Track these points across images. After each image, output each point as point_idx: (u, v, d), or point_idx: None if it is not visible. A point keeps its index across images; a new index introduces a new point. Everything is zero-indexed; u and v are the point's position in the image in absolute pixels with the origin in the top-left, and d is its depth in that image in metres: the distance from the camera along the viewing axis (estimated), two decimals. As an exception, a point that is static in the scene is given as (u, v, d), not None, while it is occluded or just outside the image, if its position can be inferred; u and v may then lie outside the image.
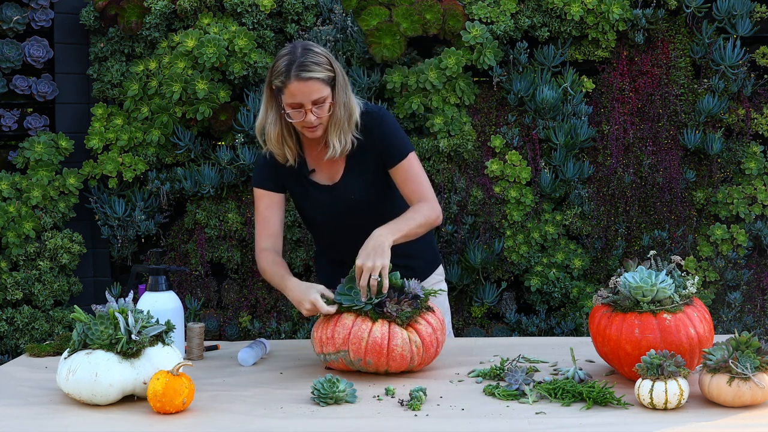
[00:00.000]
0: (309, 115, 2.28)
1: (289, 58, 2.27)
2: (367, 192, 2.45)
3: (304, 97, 2.26)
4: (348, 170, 2.44)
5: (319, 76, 2.26)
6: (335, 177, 2.45)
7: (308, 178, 2.46)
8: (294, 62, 2.26)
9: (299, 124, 2.32)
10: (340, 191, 2.44)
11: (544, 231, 3.40)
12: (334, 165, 2.44)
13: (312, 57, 2.27)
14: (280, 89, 2.29)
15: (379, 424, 1.81)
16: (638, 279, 2.03)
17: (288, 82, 2.26)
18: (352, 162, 2.43)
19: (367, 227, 2.27)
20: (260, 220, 2.47)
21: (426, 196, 2.40)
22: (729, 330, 3.34)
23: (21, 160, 3.38)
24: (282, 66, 2.27)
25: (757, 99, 3.43)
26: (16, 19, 3.38)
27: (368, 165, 2.43)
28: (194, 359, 2.42)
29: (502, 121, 3.45)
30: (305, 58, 2.26)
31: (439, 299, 2.57)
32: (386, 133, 2.41)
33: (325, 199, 2.45)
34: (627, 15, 3.34)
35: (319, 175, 2.46)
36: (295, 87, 2.25)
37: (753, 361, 1.84)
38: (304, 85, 2.25)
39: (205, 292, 3.51)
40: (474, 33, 3.30)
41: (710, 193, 3.41)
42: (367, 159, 2.42)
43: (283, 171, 2.46)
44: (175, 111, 3.39)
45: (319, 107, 2.28)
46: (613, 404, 1.89)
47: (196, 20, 3.41)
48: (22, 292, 3.34)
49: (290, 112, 2.30)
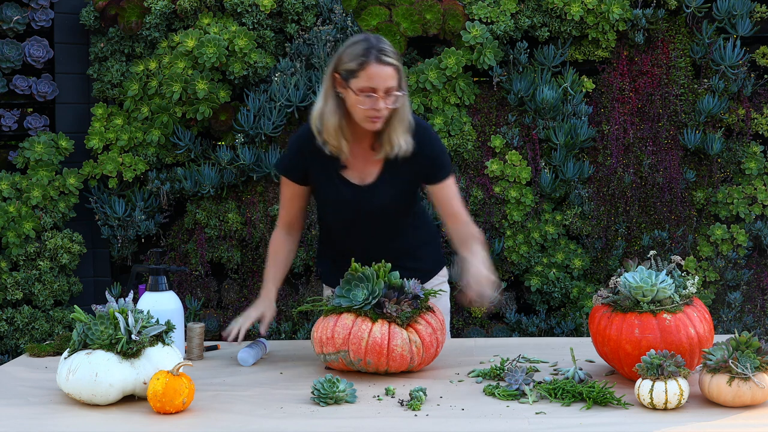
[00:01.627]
0: (380, 102, 2.27)
1: (366, 44, 2.28)
2: (395, 200, 2.44)
3: (380, 81, 2.25)
4: (382, 175, 2.41)
5: (395, 64, 2.28)
6: (367, 179, 2.42)
7: (338, 173, 2.43)
8: (373, 47, 2.27)
9: (366, 112, 2.29)
10: (369, 194, 2.42)
11: (544, 231, 3.40)
12: (368, 166, 2.42)
13: (387, 45, 2.30)
14: (353, 72, 2.26)
15: (379, 424, 1.81)
16: (638, 279, 2.03)
17: (367, 64, 2.24)
18: (389, 168, 2.41)
19: (381, 230, 2.33)
20: (282, 204, 2.55)
21: (465, 216, 2.45)
22: (729, 330, 3.34)
23: (21, 160, 3.38)
24: (359, 49, 2.27)
25: (757, 99, 3.43)
26: (16, 19, 3.38)
27: (404, 175, 2.41)
28: (194, 359, 2.42)
29: (502, 121, 3.45)
30: (383, 45, 2.28)
31: (441, 300, 2.57)
32: (435, 150, 2.42)
33: (350, 197, 2.43)
34: (627, 15, 3.34)
35: (350, 173, 2.43)
36: (374, 70, 2.24)
37: (753, 361, 1.84)
38: (383, 69, 2.25)
39: (205, 292, 3.51)
40: (474, 33, 3.30)
41: (710, 193, 3.41)
42: (405, 169, 2.40)
43: (312, 160, 2.43)
44: (175, 111, 3.39)
45: (389, 97, 2.28)
46: (613, 404, 1.89)
47: (196, 20, 3.41)
48: (22, 292, 3.34)
49: (361, 98, 2.27)
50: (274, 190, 3.45)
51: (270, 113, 3.38)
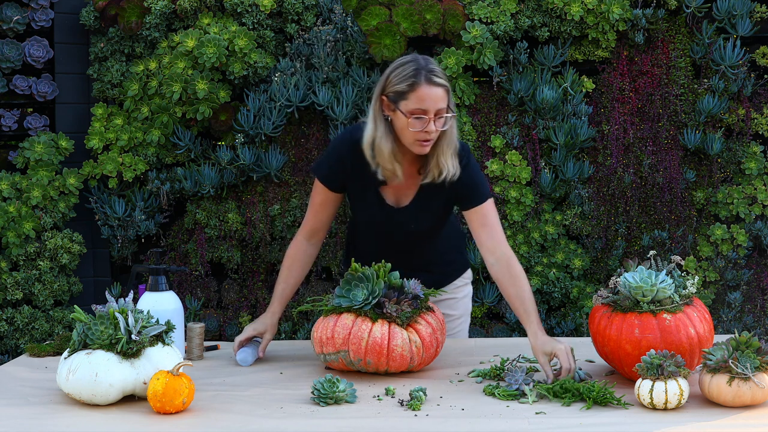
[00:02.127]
0: (431, 124, 2.21)
1: (415, 65, 2.22)
2: (427, 224, 2.42)
3: (431, 103, 2.19)
4: (417, 199, 2.38)
5: (445, 84, 2.23)
6: (402, 201, 2.39)
7: (377, 190, 2.39)
8: (423, 68, 2.21)
9: (416, 135, 2.22)
10: (401, 217, 2.39)
11: (544, 231, 3.40)
12: (403, 188, 2.38)
13: (436, 66, 2.24)
14: (402, 94, 2.21)
15: (379, 424, 1.81)
16: (638, 279, 2.03)
17: (418, 85, 2.19)
18: (424, 192, 2.37)
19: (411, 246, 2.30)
20: (311, 210, 2.46)
21: (503, 243, 2.32)
22: (729, 330, 3.34)
23: (21, 160, 3.38)
24: (409, 70, 2.21)
25: (757, 99, 3.43)
26: (16, 19, 3.38)
27: (438, 199, 2.38)
28: (194, 359, 2.42)
29: (502, 121, 3.45)
30: (431, 65, 2.23)
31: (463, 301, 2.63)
32: (471, 173, 2.35)
33: (383, 217, 2.40)
34: (627, 15, 3.34)
35: (386, 191, 2.39)
36: (425, 91, 2.19)
37: (753, 361, 1.84)
38: (434, 90, 2.19)
39: (205, 292, 3.51)
40: (474, 33, 3.30)
41: (710, 193, 3.41)
42: (439, 192, 2.36)
43: (352, 172, 2.37)
44: (175, 111, 3.39)
45: (439, 119, 2.23)
46: (613, 404, 1.89)
47: (196, 20, 3.41)
48: (22, 292, 3.34)
49: (412, 121, 2.21)
50: (274, 190, 3.45)
51: (270, 113, 3.38)
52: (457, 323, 2.64)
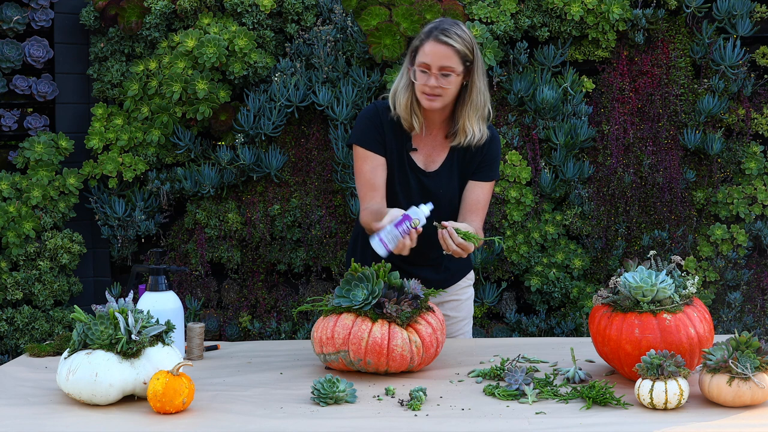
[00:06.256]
0: (432, 79, 2.30)
1: (436, 23, 2.35)
2: (453, 191, 2.47)
3: (435, 58, 2.29)
4: (446, 164, 2.46)
5: (455, 46, 2.30)
6: (431, 165, 2.46)
7: (408, 154, 2.45)
8: (438, 27, 2.32)
9: (420, 87, 2.33)
10: (431, 180, 2.46)
11: (544, 231, 3.40)
12: (434, 152, 2.46)
13: (456, 29, 2.33)
14: (416, 49, 2.34)
15: (379, 424, 1.81)
16: (638, 279, 2.03)
17: (426, 41, 2.31)
18: (453, 157, 2.46)
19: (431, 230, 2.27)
20: (364, 182, 2.42)
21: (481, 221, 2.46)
22: (729, 330, 3.34)
23: (21, 160, 3.38)
24: (427, 28, 2.35)
25: (757, 99, 3.43)
26: (16, 19, 3.38)
27: (463, 167, 2.46)
28: (194, 359, 2.41)
29: (502, 121, 3.45)
30: (450, 27, 2.32)
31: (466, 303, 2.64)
32: (493, 151, 2.47)
33: (413, 182, 2.46)
34: (627, 15, 3.34)
35: (417, 156, 2.46)
36: (430, 47, 2.30)
37: (753, 361, 1.83)
38: (439, 47, 2.29)
39: (205, 292, 3.51)
40: (474, 33, 3.30)
41: (710, 193, 3.41)
42: (464, 161, 2.45)
43: (386, 134, 2.45)
44: (175, 111, 3.39)
45: (444, 76, 2.31)
46: (613, 404, 1.89)
47: (196, 20, 3.41)
48: (22, 292, 3.34)
49: (417, 73, 2.32)
50: (274, 190, 3.45)
51: (270, 113, 3.38)
52: (461, 325, 2.64)
